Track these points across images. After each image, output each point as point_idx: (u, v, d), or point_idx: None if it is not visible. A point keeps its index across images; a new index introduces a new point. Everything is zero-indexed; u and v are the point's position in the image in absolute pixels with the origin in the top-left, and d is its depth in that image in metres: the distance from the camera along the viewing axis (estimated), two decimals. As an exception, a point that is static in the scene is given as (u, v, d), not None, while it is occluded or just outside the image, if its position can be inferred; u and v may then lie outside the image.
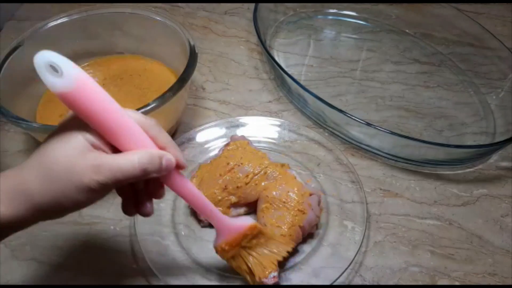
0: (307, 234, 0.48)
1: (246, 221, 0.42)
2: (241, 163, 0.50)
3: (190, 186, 0.38)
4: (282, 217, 0.46)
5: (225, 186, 0.49)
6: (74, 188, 0.30)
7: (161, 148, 0.34)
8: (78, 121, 0.31)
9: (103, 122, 0.30)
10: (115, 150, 0.32)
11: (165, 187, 0.37)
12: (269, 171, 0.49)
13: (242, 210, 0.50)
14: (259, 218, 0.48)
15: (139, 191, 0.37)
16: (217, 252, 0.42)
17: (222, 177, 0.49)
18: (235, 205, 0.50)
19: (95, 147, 0.31)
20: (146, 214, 0.37)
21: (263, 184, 0.49)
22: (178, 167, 0.35)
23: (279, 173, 0.49)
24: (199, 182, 0.50)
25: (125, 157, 0.31)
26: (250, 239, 0.42)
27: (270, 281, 0.41)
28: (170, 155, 0.34)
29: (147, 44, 0.63)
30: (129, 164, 0.31)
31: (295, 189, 0.48)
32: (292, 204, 0.47)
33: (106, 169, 0.30)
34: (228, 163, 0.50)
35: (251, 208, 0.50)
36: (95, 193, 0.31)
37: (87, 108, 0.30)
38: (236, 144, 0.52)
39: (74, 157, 0.30)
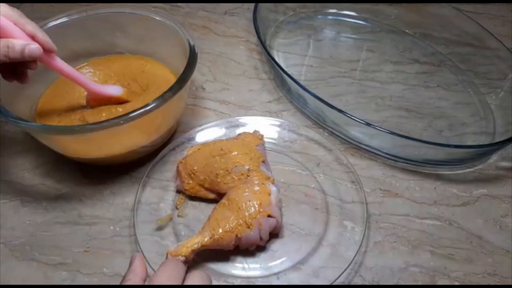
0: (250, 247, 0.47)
1: (113, 90, 0.55)
2: (233, 155, 0.50)
3: (60, 63, 0.48)
4: (227, 219, 0.45)
5: (207, 167, 0.50)
6: None
7: (30, 35, 0.43)
8: None
9: None
10: None
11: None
12: (251, 175, 0.49)
13: (212, 195, 0.51)
14: (213, 209, 0.48)
15: (16, 64, 0.45)
16: (87, 104, 0.55)
17: (208, 159, 0.51)
18: (207, 188, 0.51)
19: None
20: (24, 82, 0.47)
21: (237, 182, 0.49)
22: (49, 51, 0.45)
23: (259, 181, 0.49)
24: (190, 152, 0.53)
25: None
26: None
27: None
28: (35, 45, 0.43)
29: (147, 44, 0.63)
30: None
31: (259, 202, 0.46)
32: (245, 214, 0.46)
33: None
34: (221, 149, 0.51)
35: (221, 198, 0.50)
36: None
37: None
38: (244, 136, 0.54)
39: None
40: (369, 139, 0.58)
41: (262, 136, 0.55)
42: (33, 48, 0.43)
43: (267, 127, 0.59)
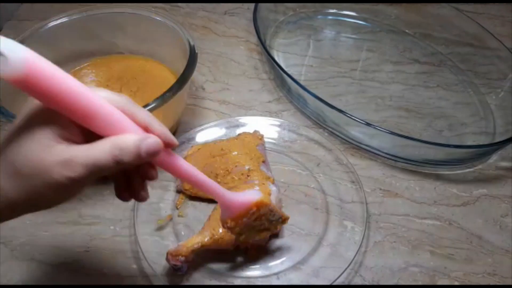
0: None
1: (251, 196, 0.40)
2: (233, 155, 0.50)
3: (184, 164, 0.33)
4: None
5: (207, 167, 0.50)
6: (44, 185, 0.27)
7: (142, 127, 0.30)
8: (43, 111, 0.28)
9: (68, 103, 0.26)
10: (91, 138, 0.29)
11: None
12: (251, 175, 0.49)
13: None
14: (213, 209, 0.48)
15: (130, 173, 0.33)
16: (223, 227, 0.41)
17: (208, 159, 0.50)
18: None
19: (65, 138, 0.28)
20: (141, 199, 0.34)
21: (237, 182, 0.49)
22: (167, 145, 0.31)
23: (259, 181, 0.48)
24: (190, 152, 0.52)
25: (97, 147, 0.27)
26: (259, 216, 0.40)
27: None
28: (152, 138, 0.29)
29: (147, 44, 0.63)
30: (102, 156, 0.27)
31: None
32: None
33: (76, 163, 0.27)
34: (221, 149, 0.51)
35: None
36: (68, 189, 0.27)
37: (47, 91, 0.25)
38: (244, 136, 0.53)
39: (41, 152, 0.27)
40: (369, 139, 0.58)
41: (262, 136, 0.55)
42: (152, 142, 0.29)
43: (267, 127, 0.59)
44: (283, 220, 0.44)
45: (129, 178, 0.33)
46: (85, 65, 0.62)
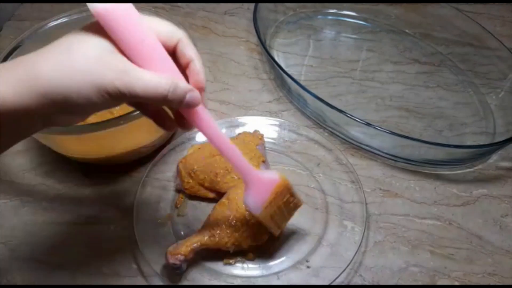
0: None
1: (275, 175, 0.40)
2: None
3: (214, 124, 0.35)
4: (226, 218, 0.45)
5: (207, 166, 0.50)
6: (90, 86, 0.28)
7: (186, 62, 0.33)
8: (98, 28, 0.30)
9: (131, 42, 0.29)
10: None
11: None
12: None
13: (212, 194, 0.51)
14: (212, 209, 0.48)
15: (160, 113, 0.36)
16: (250, 209, 0.41)
17: (208, 158, 0.51)
18: (207, 188, 0.50)
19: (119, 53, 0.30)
20: (186, 128, 0.36)
21: (237, 181, 0.49)
22: (200, 89, 0.34)
23: None
24: (190, 152, 0.53)
25: (152, 76, 0.29)
26: (285, 196, 0.41)
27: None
28: (196, 92, 0.32)
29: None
30: (153, 84, 0.29)
31: None
32: (245, 213, 0.45)
33: (130, 78, 0.28)
34: None
35: (221, 197, 0.49)
36: (107, 99, 0.29)
37: (121, 30, 0.29)
38: (244, 136, 0.54)
39: (102, 54, 0.28)
40: (369, 139, 0.58)
41: (262, 136, 0.55)
42: (195, 96, 0.32)
43: (267, 127, 0.59)
44: (299, 204, 0.44)
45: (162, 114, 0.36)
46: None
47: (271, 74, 0.69)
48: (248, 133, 0.55)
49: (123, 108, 0.55)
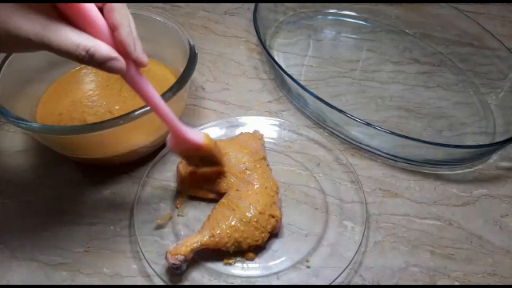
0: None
1: (199, 137, 0.45)
2: (233, 155, 0.51)
3: (147, 86, 0.37)
4: (226, 218, 0.45)
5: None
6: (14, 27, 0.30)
7: (112, 28, 0.33)
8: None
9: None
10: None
11: None
12: (248, 173, 0.49)
13: (212, 195, 0.51)
14: (212, 209, 0.48)
15: None
16: (172, 151, 0.47)
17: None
18: (207, 188, 0.50)
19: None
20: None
21: (236, 182, 0.49)
22: (137, 65, 0.35)
23: (258, 181, 0.49)
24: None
25: (71, 36, 0.31)
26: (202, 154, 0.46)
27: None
28: (119, 62, 0.33)
29: (147, 44, 0.61)
30: (69, 45, 0.31)
31: (259, 202, 0.47)
32: (245, 213, 0.46)
33: (49, 31, 0.30)
34: (221, 149, 0.51)
35: (221, 197, 0.49)
36: (23, 42, 0.30)
37: None
38: (244, 136, 0.54)
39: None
40: (369, 139, 0.58)
41: (262, 136, 0.55)
42: (116, 65, 0.33)
43: (267, 127, 0.59)
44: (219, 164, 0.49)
45: None
46: (85, 65, 0.62)
47: (271, 74, 0.69)
48: (248, 133, 0.55)
49: (123, 108, 0.55)
